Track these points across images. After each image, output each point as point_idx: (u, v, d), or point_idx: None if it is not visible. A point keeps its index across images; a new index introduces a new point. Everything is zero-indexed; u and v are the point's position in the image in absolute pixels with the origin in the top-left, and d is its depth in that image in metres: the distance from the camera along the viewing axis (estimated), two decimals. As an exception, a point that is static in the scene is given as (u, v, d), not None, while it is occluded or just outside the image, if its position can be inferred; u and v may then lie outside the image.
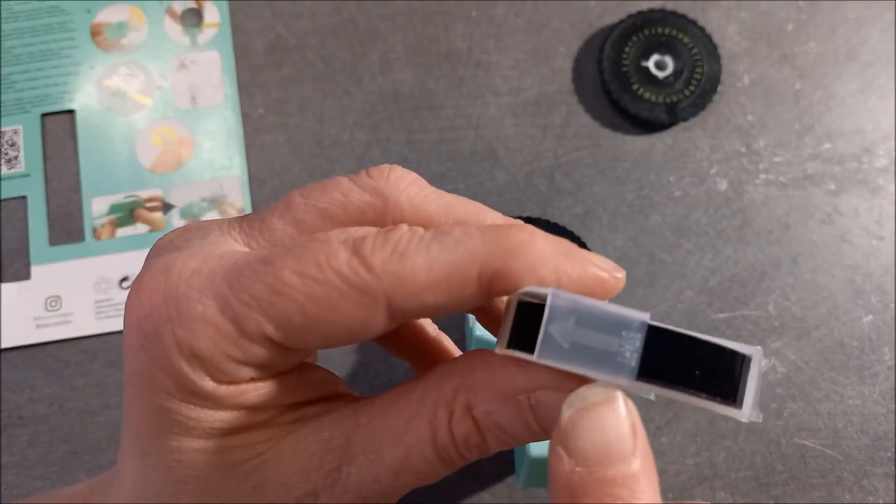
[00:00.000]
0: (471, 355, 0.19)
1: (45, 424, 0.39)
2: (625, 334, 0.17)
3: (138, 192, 0.43)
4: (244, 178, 0.43)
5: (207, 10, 0.45)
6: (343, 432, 0.19)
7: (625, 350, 0.16)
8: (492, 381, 0.18)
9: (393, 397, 0.19)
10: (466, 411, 0.18)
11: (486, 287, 0.17)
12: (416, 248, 0.17)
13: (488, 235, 0.17)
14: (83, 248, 0.42)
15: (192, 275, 0.18)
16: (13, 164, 0.43)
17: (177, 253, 0.18)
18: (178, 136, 0.44)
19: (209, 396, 0.18)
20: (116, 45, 0.45)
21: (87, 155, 0.43)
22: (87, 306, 0.41)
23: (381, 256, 0.17)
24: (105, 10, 0.45)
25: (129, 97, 0.44)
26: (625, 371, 0.16)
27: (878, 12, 0.47)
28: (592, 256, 0.18)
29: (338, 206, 0.20)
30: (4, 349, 0.40)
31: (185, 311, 0.17)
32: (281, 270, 0.17)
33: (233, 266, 0.18)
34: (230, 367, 0.18)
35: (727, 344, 0.17)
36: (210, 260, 0.18)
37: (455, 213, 0.20)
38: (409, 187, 0.20)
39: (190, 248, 0.19)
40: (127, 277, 0.42)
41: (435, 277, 0.17)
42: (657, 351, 0.16)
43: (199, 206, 0.43)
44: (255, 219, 0.20)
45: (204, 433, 0.18)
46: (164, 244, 0.20)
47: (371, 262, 0.17)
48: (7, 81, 0.44)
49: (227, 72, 0.45)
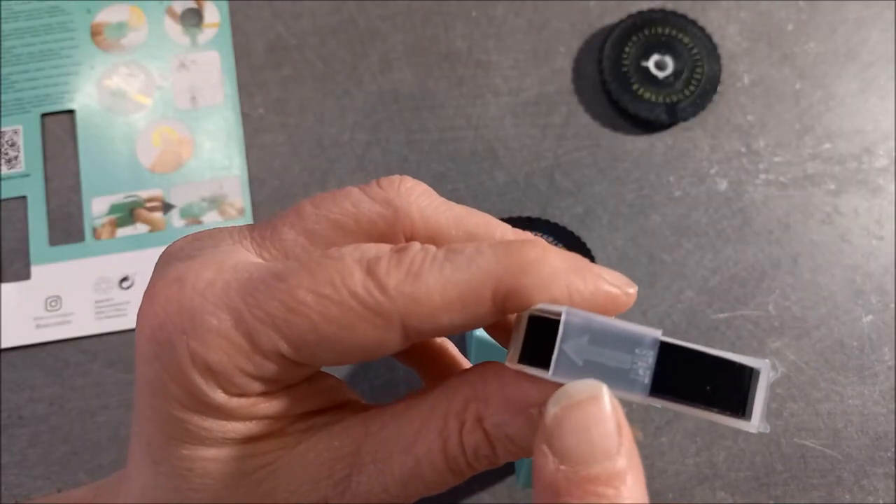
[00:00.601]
0: (482, 367, 0.19)
1: (45, 424, 0.39)
2: (637, 351, 0.17)
3: (138, 192, 0.43)
4: (244, 178, 0.43)
5: (207, 10, 0.46)
6: (353, 441, 0.19)
7: (638, 367, 0.17)
8: (503, 393, 0.18)
9: (404, 407, 0.19)
10: (477, 422, 0.18)
11: (500, 305, 0.17)
12: (430, 268, 0.17)
13: (500, 253, 0.17)
14: (83, 248, 0.42)
15: (207, 287, 0.18)
16: (13, 164, 0.43)
17: (190, 262, 0.18)
18: (178, 136, 0.44)
19: (221, 408, 0.18)
20: (116, 45, 0.45)
21: (87, 155, 0.43)
22: (87, 306, 0.41)
23: (396, 277, 0.17)
24: (105, 10, 0.45)
25: (129, 97, 0.44)
26: (638, 387, 0.17)
27: (878, 12, 0.47)
28: (604, 272, 0.18)
29: (349, 217, 0.19)
30: (4, 349, 0.40)
31: (200, 324, 0.17)
32: (296, 288, 0.17)
33: (248, 280, 0.18)
34: (242, 380, 0.18)
35: (736, 358, 0.17)
36: (224, 271, 0.18)
37: (465, 226, 0.20)
38: (420, 198, 0.20)
39: (203, 256, 0.19)
40: (127, 277, 0.42)
41: (449, 297, 0.17)
42: (669, 367, 0.17)
43: (199, 206, 0.43)
44: (266, 227, 0.20)
45: (215, 443, 0.18)
46: (175, 252, 0.20)
47: (386, 283, 0.17)
48: (7, 81, 0.44)
49: (227, 72, 0.45)
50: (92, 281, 0.41)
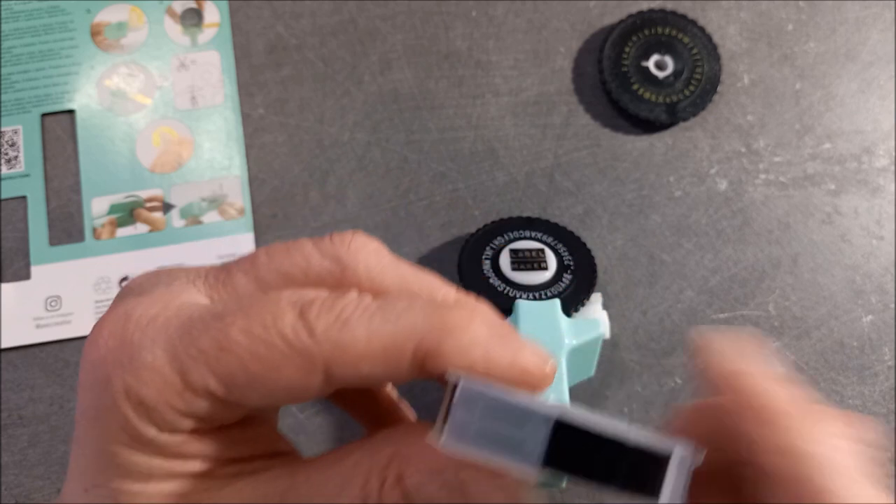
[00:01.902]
0: (411, 425, 0.19)
1: (45, 424, 0.39)
2: (531, 427, 0.16)
3: (138, 192, 0.43)
4: (244, 179, 0.43)
5: (207, 9, 0.45)
6: (278, 491, 0.19)
7: (529, 442, 0.16)
8: (423, 453, 0.18)
9: (332, 460, 0.19)
10: (397, 481, 0.18)
11: (419, 364, 0.17)
12: (360, 317, 0.17)
13: (429, 311, 0.18)
14: (83, 248, 0.42)
15: (149, 323, 0.18)
16: (13, 164, 0.43)
17: (140, 298, 0.19)
18: (178, 136, 0.44)
19: (151, 443, 0.18)
20: (116, 45, 0.45)
21: (87, 155, 0.43)
22: (87, 306, 0.41)
23: (326, 322, 0.17)
24: (105, 10, 0.45)
25: (129, 97, 0.44)
26: (528, 462, 0.16)
27: (878, 12, 0.47)
28: (526, 345, 0.18)
29: (299, 270, 0.20)
30: (4, 349, 0.40)
31: (136, 359, 0.18)
32: (230, 327, 0.17)
33: (188, 318, 0.18)
34: (174, 416, 0.18)
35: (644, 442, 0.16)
36: (168, 308, 0.18)
37: (409, 287, 0.21)
38: (369, 257, 0.20)
39: (153, 294, 0.19)
40: (127, 277, 0.41)
41: (373, 348, 0.17)
42: (564, 445, 0.16)
43: (198, 206, 0.43)
44: (221, 271, 0.20)
45: (143, 477, 0.19)
46: (134, 287, 0.20)
47: (314, 326, 0.17)
48: (7, 81, 0.44)
49: (227, 72, 0.45)
50: (92, 281, 0.41)
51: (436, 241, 0.42)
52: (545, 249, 0.38)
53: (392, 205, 0.43)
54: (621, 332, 0.41)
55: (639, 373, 0.40)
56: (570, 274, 0.37)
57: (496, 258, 0.38)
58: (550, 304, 0.35)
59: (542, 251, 0.38)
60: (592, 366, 0.38)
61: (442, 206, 0.43)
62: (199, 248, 0.42)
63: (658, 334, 0.41)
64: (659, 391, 0.40)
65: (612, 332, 0.41)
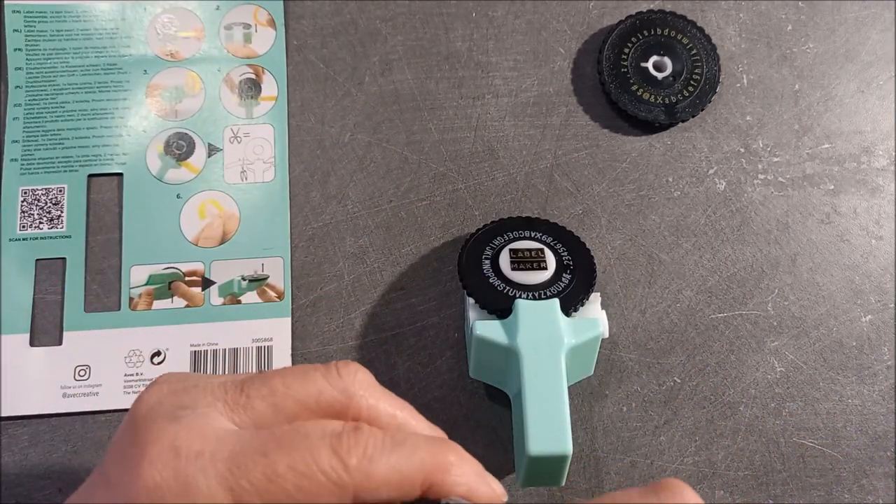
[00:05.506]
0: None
1: (46, 424, 0.39)
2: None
3: (179, 265, 0.41)
4: (287, 261, 0.42)
5: (266, 82, 0.44)
6: None
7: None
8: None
9: None
10: None
11: (424, 490, 0.23)
12: (381, 453, 0.23)
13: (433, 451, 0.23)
14: (118, 318, 0.40)
15: (197, 457, 0.22)
16: (55, 224, 0.41)
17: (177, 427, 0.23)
18: (224, 211, 0.42)
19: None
20: (171, 110, 0.44)
21: (130, 221, 0.42)
22: (116, 379, 0.39)
23: (356, 457, 0.22)
24: (162, 72, 0.44)
25: (179, 165, 0.43)
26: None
27: (878, 12, 0.47)
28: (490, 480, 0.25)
29: (312, 400, 0.25)
30: (28, 416, 0.39)
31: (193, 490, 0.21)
32: (276, 463, 0.22)
33: (231, 452, 0.22)
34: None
35: None
36: (208, 440, 0.22)
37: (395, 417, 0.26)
38: (368, 390, 0.26)
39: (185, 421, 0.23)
40: (159, 352, 0.40)
41: (392, 479, 0.22)
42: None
43: (238, 284, 0.41)
44: (239, 395, 0.24)
45: None
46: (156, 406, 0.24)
47: (347, 462, 0.22)
48: (56, 138, 0.43)
49: (280, 148, 0.43)
50: (124, 353, 0.40)
51: (436, 241, 0.42)
52: (544, 249, 0.38)
53: (392, 205, 0.43)
54: (620, 331, 0.41)
55: (637, 372, 0.40)
56: (570, 274, 0.37)
57: (496, 258, 0.38)
58: (550, 304, 0.35)
59: (542, 251, 0.38)
60: (591, 365, 0.38)
61: (442, 206, 0.43)
62: (235, 328, 0.40)
63: (657, 334, 0.41)
64: (658, 390, 0.40)
65: (610, 332, 0.41)
